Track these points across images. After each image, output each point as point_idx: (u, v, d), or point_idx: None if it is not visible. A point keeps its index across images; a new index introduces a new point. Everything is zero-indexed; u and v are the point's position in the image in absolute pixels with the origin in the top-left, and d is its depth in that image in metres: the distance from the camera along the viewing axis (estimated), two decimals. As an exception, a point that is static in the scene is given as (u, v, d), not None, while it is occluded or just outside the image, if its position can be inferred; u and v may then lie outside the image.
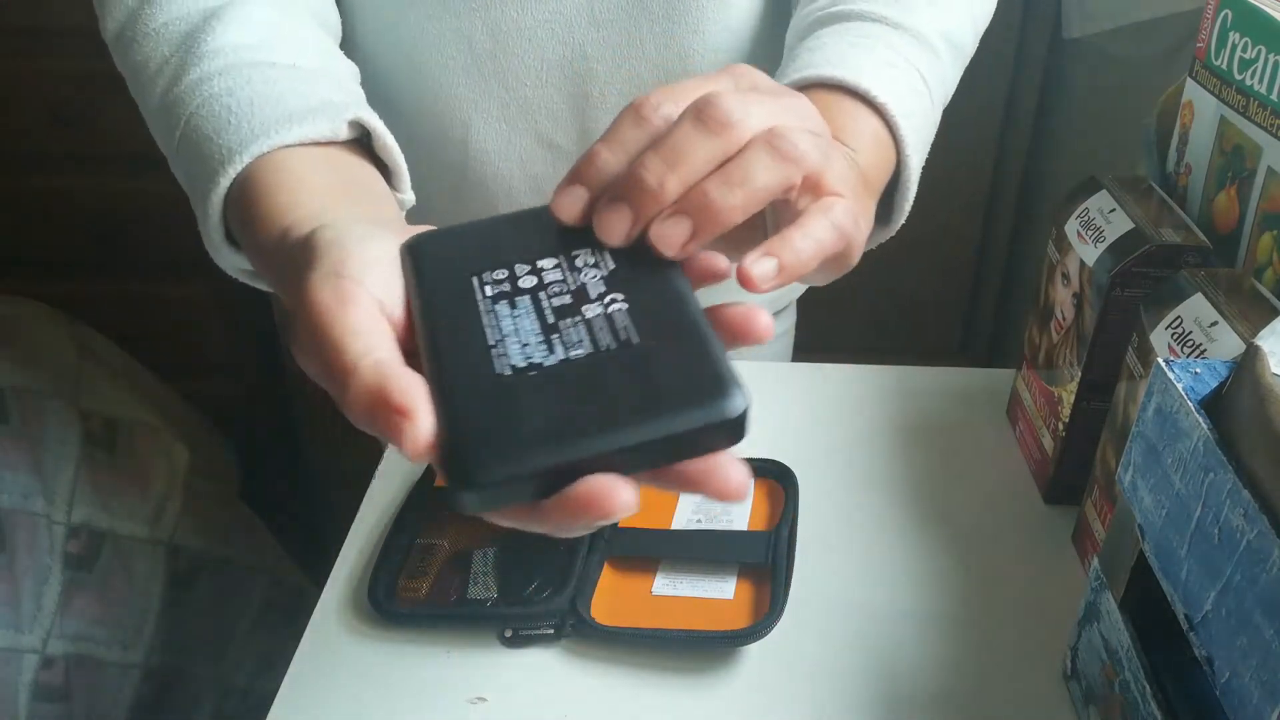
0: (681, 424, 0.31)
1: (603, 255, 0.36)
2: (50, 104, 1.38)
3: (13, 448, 1.02)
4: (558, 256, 0.37)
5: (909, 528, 0.65)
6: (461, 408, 0.32)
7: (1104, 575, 0.50)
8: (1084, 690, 0.52)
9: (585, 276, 0.36)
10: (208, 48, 0.51)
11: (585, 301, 0.35)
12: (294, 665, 0.56)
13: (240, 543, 1.26)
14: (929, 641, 0.58)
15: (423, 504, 0.65)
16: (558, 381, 0.32)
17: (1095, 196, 0.63)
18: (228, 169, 0.46)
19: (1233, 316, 0.49)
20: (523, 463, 0.30)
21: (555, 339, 0.33)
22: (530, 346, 0.33)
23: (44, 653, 0.99)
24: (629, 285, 0.35)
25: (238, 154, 0.46)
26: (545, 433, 0.31)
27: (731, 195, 0.35)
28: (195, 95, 0.50)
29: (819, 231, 0.38)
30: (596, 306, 0.34)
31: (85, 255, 1.48)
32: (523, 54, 0.68)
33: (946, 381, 0.78)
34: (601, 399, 0.31)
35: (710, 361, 0.32)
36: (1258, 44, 0.56)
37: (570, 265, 0.36)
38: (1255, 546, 0.37)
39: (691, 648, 0.56)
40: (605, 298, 0.35)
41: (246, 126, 0.47)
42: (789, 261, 0.37)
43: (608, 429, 0.31)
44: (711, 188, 0.35)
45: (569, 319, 0.34)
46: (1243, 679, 0.38)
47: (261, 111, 0.47)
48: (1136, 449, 0.47)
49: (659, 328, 0.33)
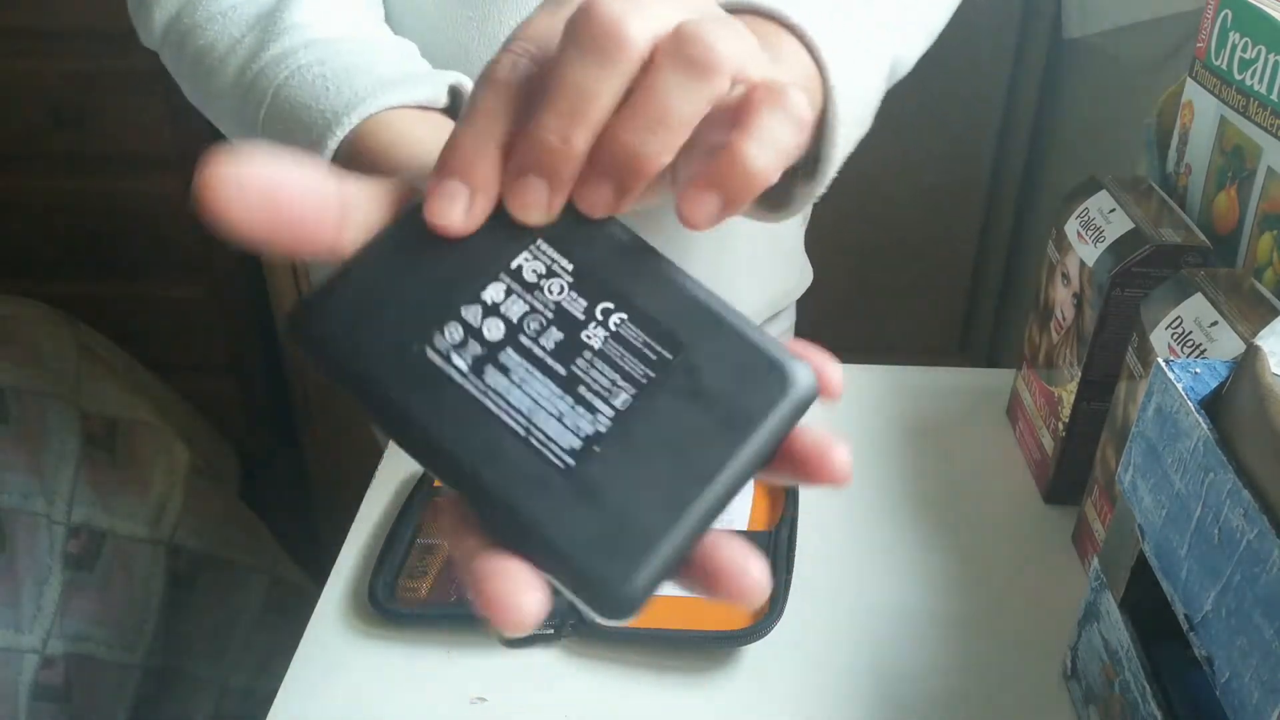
0: (777, 426, 0.28)
1: (539, 249, 0.30)
2: (50, 104, 1.38)
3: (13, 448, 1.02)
4: (498, 277, 0.30)
5: (909, 528, 0.65)
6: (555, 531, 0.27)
7: (1104, 575, 0.50)
8: (1084, 690, 0.52)
9: (551, 292, 0.30)
10: (286, 24, 0.51)
11: (578, 328, 0.29)
12: (294, 665, 0.56)
13: (240, 543, 1.26)
14: (929, 641, 0.58)
15: (423, 504, 0.65)
16: (629, 446, 0.28)
17: (1095, 196, 0.63)
18: (335, 130, 0.44)
19: (1233, 316, 0.49)
20: (664, 559, 0.27)
21: (584, 392, 0.28)
22: (566, 416, 0.28)
23: (44, 653, 0.99)
24: (601, 280, 0.30)
25: (345, 115, 0.44)
26: (663, 514, 0.27)
27: (652, 139, 0.29)
28: (281, 68, 0.49)
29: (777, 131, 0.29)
30: (596, 329, 0.29)
31: (85, 255, 1.48)
32: None
33: (946, 381, 0.78)
34: (688, 443, 0.28)
35: (751, 343, 0.29)
36: (1258, 44, 0.56)
37: (521, 283, 0.30)
38: (1255, 546, 0.37)
39: (691, 648, 0.56)
40: (595, 311, 0.29)
41: (349, 90, 0.45)
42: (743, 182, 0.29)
43: (715, 473, 0.27)
44: (625, 134, 0.29)
45: (579, 358, 0.29)
46: (1243, 679, 0.38)
47: (360, 78, 0.46)
48: (1136, 449, 0.47)
49: (673, 324, 0.29)
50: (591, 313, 0.29)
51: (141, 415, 1.19)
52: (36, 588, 0.99)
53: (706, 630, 0.56)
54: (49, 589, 1.00)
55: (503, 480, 0.27)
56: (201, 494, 1.21)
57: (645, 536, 0.27)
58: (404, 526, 0.63)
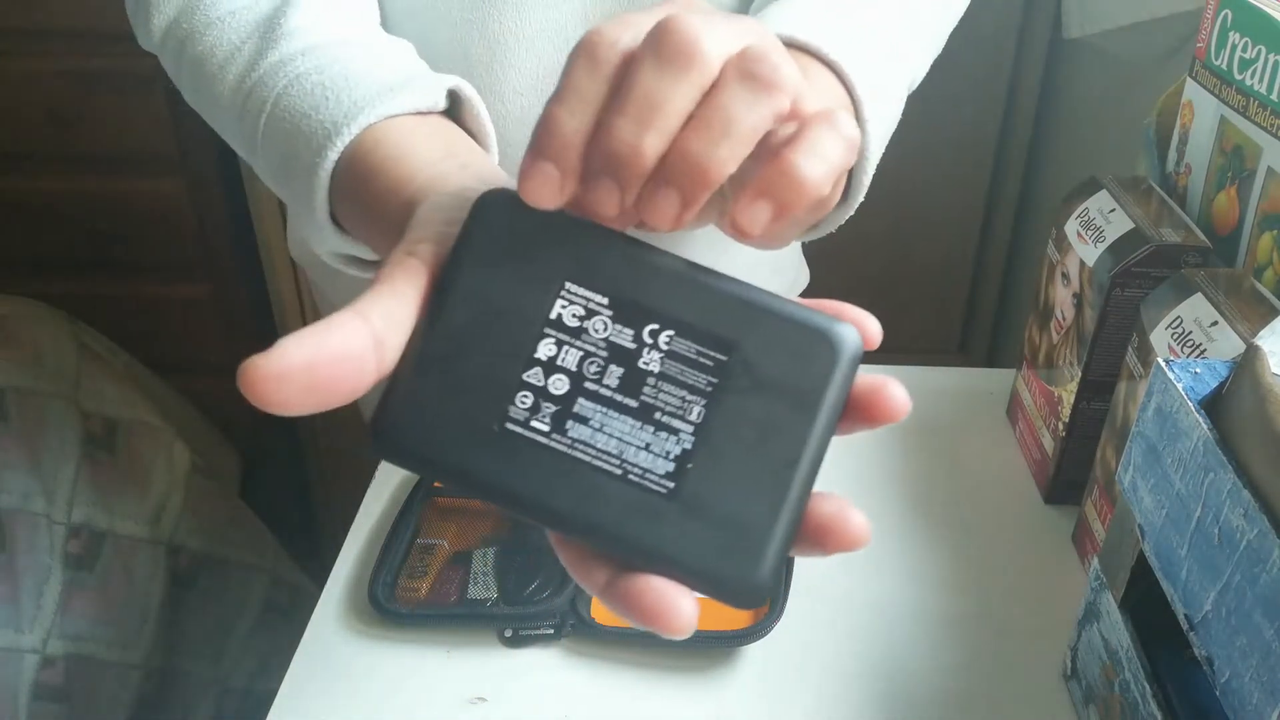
0: (838, 391, 0.30)
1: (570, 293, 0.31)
2: (49, 104, 1.38)
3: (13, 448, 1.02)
4: (544, 334, 0.31)
5: (909, 528, 0.65)
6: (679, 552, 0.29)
7: (1104, 575, 0.50)
8: (1084, 690, 0.52)
9: (597, 331, 0.30)
10: (284, 30, 0.51)
11: (634, 357, 0.30)
12: (294, 665, 0.56)
13: (240, 543, 1.26)
14: (929, 641, 0.58)
15: (423, 504, 0.65)
16: (716, 454, 0.29)
17: (1095, 196, 0.63)
18: (335, 142, 0.44)
19: (1233, 316, 0.49)
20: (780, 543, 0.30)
21: (660, 417, 0.30)
22: (653, 445, 0.30)
23: (44, 653, 0.99)
24: (638, 304, 0.31)
25: (345, 126, 0.44)
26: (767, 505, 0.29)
27: (718, 148, 0.30)
28: (280, 76, 0.49)
29: (827, 146, 0.31)
30: (650, 354, 0.30)
31: (85, 255, 1.48)
32: (519, 63, 0.67)
33: (946, 381, 0.78)
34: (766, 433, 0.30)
35: (793, 319, 0.30)
36: (1258, 44, 0.56)
37: (567, 331, 0.31)
38: (1255, 546, 0.37)
39: (691, 648, 0.56)
40: (643, 336, 0.30)
41: (348, 99, 0.46)
42: (795, 191, 0.31)
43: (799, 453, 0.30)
44: (693, 143, 0.30)
45: (646, 386, 0.30)
46: (1243, 679, 0.38)
47: (359, 86, 0.46)
48: (1136, 449, 0.47)
49: (717, 326, 0.30)
50: (640, 339, 0.30)
51: (141, 415, 1.19)
52: (36, 588, 0.99)
53: (706, 630, 0.56)
54: (49, 589, 1.00)
55: (617, 521, 0.29)
56: (201, 494, 1.21)
57: (758, 530, 0.29)
58: (404, 526, 0.63)
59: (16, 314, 1.19)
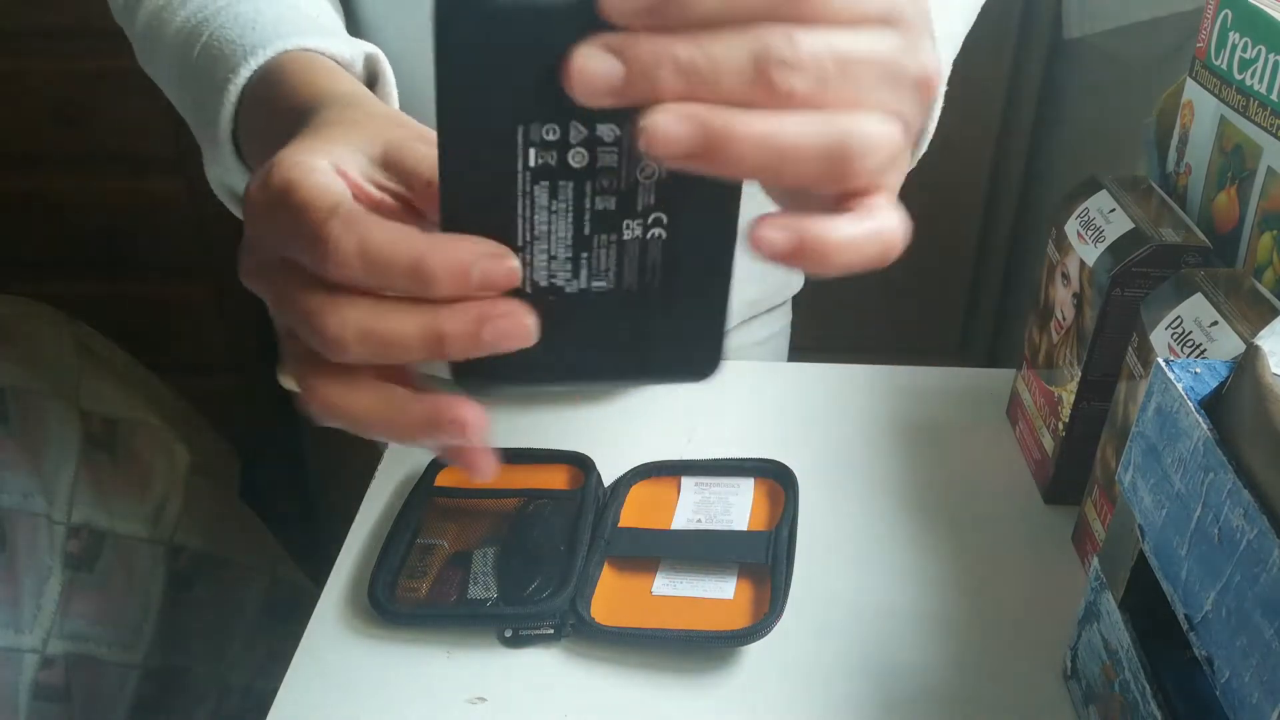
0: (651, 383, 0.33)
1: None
2: (50, 104, 1.38)
3: (13, 448, 1.02)
4: (619, 124, 0.29)
5: (909, 528, 0.65)
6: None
7: (1104, 575, 0.50)
8: (1084, 690, 0.52)
9: (639, 172, 0.30)
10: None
11: (628, 214, 0.31)
12: (294, 665, 0.56)
13: (240, 543, 1.26)
14: (929, 641, 0.58)
15: (423, 504, 0.65)
16: (565, 313, 0.31)
17: (1095, 196, 0.63)
18: (249, 60, 0.46)
19: (1233, 316, 0.49)
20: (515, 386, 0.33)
21: (584, 259, 0.31)
22: (556, 262, 0.31)
23: (44, 653, 0.99)
24: (678, 202, 0.31)
25: (261, 49, 0.46)
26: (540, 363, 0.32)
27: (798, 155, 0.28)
28: (220, 16, 0.51)
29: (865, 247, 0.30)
30: (637, 227, 0.31)
31: (85, 255, 1.48)
32: None
33: (946, 381, 0.78)
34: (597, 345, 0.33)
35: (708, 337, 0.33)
36: (1258, 44, 0.56)
37: (628, 147, 0.29)
38: (1255, 546, 0.37)
39: (691, 648, 0.56)
40: (650, 216, 0.31)
41: (272, 29, 0.47)
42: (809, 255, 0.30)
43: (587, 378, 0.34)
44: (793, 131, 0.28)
45: (604, 235, 0.31)
46: (1243, 679, 0.38)
47: (287, 23, 0.48)
48: (1136, 449, 0.47)
49: (684, 276, 0.32)
50: (646, 214, 0.31)
51: (141, 415, 1.19)
52: (37, 588, 0.99)
53: (706, 630, 0.56)
54: (49, 589, 1.00)
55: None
56: (201, 494, 1.21)
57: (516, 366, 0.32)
58: (404, 526, 0.63)
59: (16, 314, 1.19)
